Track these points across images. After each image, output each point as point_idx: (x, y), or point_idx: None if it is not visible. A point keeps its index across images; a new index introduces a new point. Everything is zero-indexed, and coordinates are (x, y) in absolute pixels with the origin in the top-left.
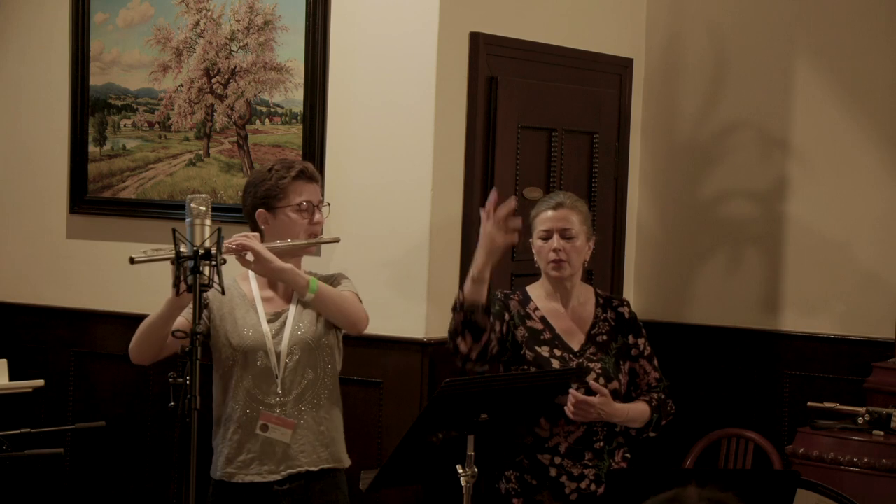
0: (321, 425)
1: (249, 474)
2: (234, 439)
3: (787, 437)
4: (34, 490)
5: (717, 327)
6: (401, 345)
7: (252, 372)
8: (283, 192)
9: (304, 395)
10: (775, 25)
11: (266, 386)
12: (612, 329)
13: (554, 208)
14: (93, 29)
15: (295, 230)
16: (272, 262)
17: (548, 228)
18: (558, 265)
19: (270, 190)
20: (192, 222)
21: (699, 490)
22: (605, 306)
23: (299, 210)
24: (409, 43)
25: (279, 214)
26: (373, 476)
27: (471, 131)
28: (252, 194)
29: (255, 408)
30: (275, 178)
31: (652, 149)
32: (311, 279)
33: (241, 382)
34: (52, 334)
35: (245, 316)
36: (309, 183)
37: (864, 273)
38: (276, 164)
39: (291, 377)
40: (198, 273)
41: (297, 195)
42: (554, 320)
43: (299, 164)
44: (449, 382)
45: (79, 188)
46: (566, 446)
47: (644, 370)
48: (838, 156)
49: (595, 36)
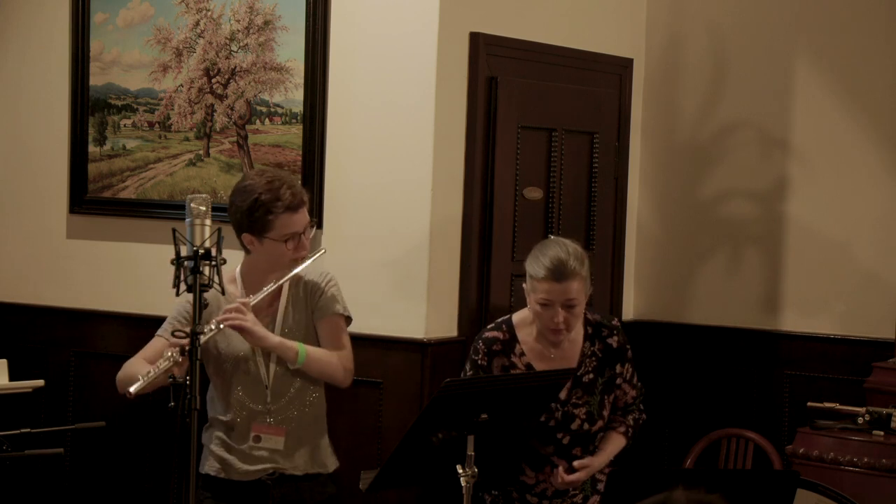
0: (307, 430)
1: (237, 473)
2: (223, 438)
3: (787, 437)
4: (34, 490)
5: (717, 327)
6: (401, 345)
7: (241, 380)
8: (271, 225)
9: (292, 401)
10: (775, 25)
11: (255, 394)
12: (598, 364)
13: (557, 279)
14: (93, 29)
15: (280, 258)
16: (265, 340)
17: (550, 300)
18: (557, 334)
19: (256, 222)
20: (192, 222)
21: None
22: (594, 337)
23: (285, 241)
24: (409, 43)
25: (265, 243)
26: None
27: (471, 131)
28: (238, 214)
29: (244, 416)
30: (262, 210)
31: (652, 149)
32: (300, 350)
33: (232, 389)
34: (52, 334)
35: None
36: (296, 213)
37: (864, 273)
38: (263, 190)
39: (280, 384)
40: (198, 273)
41: (285, 228)
42: (540, 364)
43: (287, 194)
44: (449, 382)
45: (79, 188)
46: (553, 490)
47: (623, 392)
48: (838, 156)
49: (595, 36)
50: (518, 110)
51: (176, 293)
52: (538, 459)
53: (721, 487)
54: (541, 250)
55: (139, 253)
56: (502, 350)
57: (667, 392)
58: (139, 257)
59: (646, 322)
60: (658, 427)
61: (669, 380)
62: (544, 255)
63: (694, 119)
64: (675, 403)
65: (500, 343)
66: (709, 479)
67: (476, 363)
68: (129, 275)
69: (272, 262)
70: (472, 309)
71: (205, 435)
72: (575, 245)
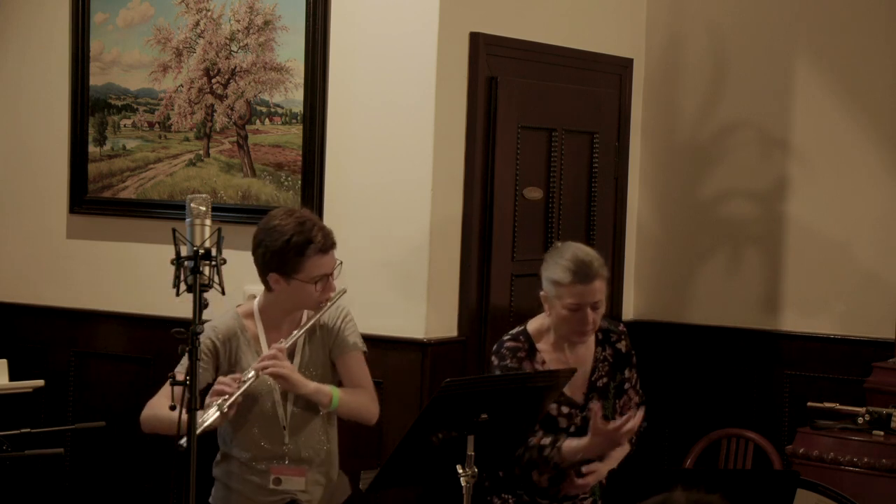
0: (321, 467)
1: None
2: (240, 478)
3: (787, 437)
4: (34, 490)
5: (717, 327)
6: (401, 345)
7: (259, 420)
8: (301, 265)
9: (308, 440)
10: (775, 25)
11: (273, 435)
12: (610, 368)
13: (584, 282)
14: (93, 29)
15: (307, 300)
16: (302, 387)
17: (580, 303)
18: (584, 335)
19: (287, 263)
20: (192, 222)
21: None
22: (604, 342)
23: (314, 283)
24: (409, 43)
25: (293, 284)
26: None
27: (471, 131)
28: (265, 256)
29: (262, 459)
30: (293, 251)
31: (652, 149)
32: (333, 394)
33: (249, 429)
34: (52, 334)
35: (252, 362)
36: (326, 255)
37: (864, 273)
38: (294, 231)
39: (297, 424)
40: (198, 273)
41: (316, 269)
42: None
43: (320, 236)
44: (449, 382)
45: (79, 188)
46: (563, 494)
47: (629, 398)
48: (838, 156)
49: (595, 36)
50: (518, 110)
51: (176, 293)
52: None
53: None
54: (560, 255)
55: (139, 253)
56: (526, 357)
57: (667, 392)
58: (139, 257)
59: (646, 322)
60: (658, 427)
61: (669, 380)
62: (564, 258)
63: (694, 119)
64: (675, 403)
65: (523, 351)
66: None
67: (508, 368)
68: (129, 275)
69: (296, 303)
70: (472, 309)
71: (217, 469)
72: (587, 247)
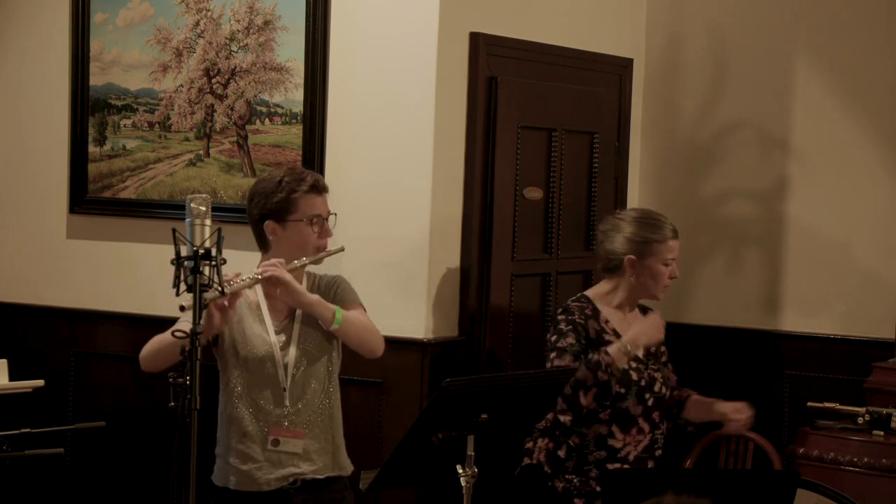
0: (326, 433)
1: (256, 483)
2: (239, 449)
3: (787, 437)
4: (34, 490)
5: (717, 327)
6: (401, 345)
7: (259, 383)
8: (295, 205)
9: (309, 404)
10: (775, 25)
11: (273, 397)
12: None
13: (674, 237)
14: (93, 29)
15: (305, 243)
16: (302, 296)
17: (674, 257)
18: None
19: (281, 203)
20: (192, 222)
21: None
22: (644, 313)
23: (310, 223)
24: (409, 43)
25: (289, 227)
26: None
27: (471, 131)
28: (261, 205)
29: (262, 419)
30: (286, 190)
31: (652, 149)
32: (337, 310)
33: (249, 393)
34: (52, 334)
35: (253, 325)
36: (320, 196)
37: (864, 273)
38: (286, 176)
39: (298, 388)
40: (198, 273)
41: (309, 209)
42: (623, 331)
43: (311, 177)
44: (449, 382)
45: (79, 188)
46: (635, 455)
47: (670, 371)
48: (838, 156)
49: (595, 36)
50: (518, 110)
51: (176, 293)
52: (628, 420)
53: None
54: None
55: (139, 253)
56: (592, 315)
57: None
58: (139, 257)
59: None
60: None
61: None
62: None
63: (694, 119)
64: None
65: (589, 309)
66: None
67: (573, 321)
68: (129, 275)
69: (296, 250)
70: (472, 309)
71: (218, 446)
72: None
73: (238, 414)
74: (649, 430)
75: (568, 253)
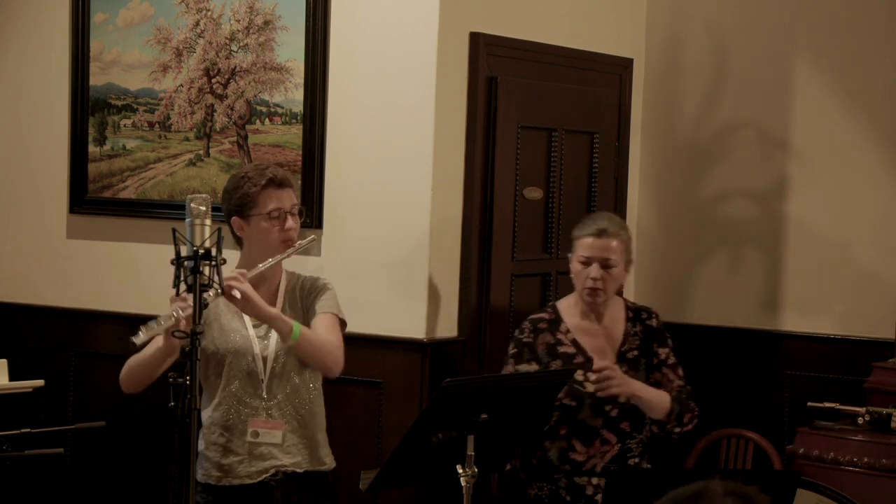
0: (305, 428)
1: (238, 477)
2: (220, 442)
3: (787, 437)
4: (34, 490)
5: (717, 327)
6: (401, 345)
7: (238, 376)
8: (254, 200)
9: (289, 398)
10: (775, 25)
11: (252, 389)
12: (641, 343)
13: (597, 235)
14: (93, 29)
15: (268, 238)
16: (261, 309)
17: (589, 256)
18: (594, 293)
19: (242, 198)
20: (192, 222)
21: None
22: (635, 320)
23: (270, 218)
24: (409, 43)
25: (252, 222)
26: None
27: (471, 131)
28: (227, 201)
29: (240, 411)
30: (246, 186)
31: (652, 149)
32: (295, 326)
33: (228, 386)
34: (52, 334)
35: (231, 320)
36: (279, 189)
37: (864, 273)
38: (250, 171)
39: (277, 381)
40: (198, 273)
41: (268, 203)
42: (585, 340)
43: (269, 172)
44: (449, 382)
45: (79, 188)
46: (602, 465)
47: (667, 378)
48: (838, 156)
49: (595, 36)
50: (518, 110)
51: (176, 293)
52: (588, 433)
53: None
54: (588, 217)
55: (139, 253)
56: (548, 328)
57: None
58: (139, 257)
59: None
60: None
61: None
62: (591, 219)
63: (694, 119)
64: None
65: (546, 322)
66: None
67: (521, 341)
68: (129, 275)
69: (261, 245)
70: (472, 309)
71: (200, 441)
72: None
73: (217, 408)
74: (617, 441)
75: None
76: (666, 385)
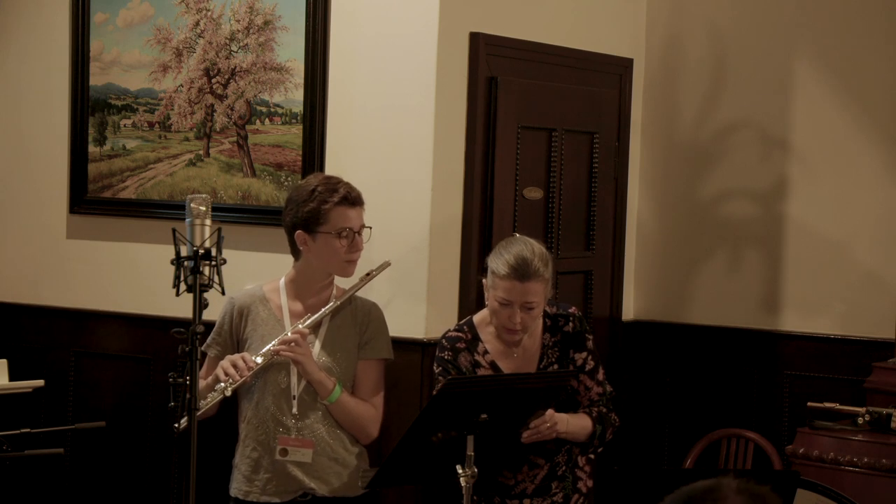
0: (337, 451)
1: (266, 494)
2: (253, 457)
3: (787, 437)
4: (34, 490)
5: (717, 327)
6: (401, 345)
7: (273, 391)
8: (325, 216)
9: (323, 418)
10: (775, 25)
11: (283, 405)
12: (560, 354)
13: (518, 279)
14: (93, 29)
15: (334, 257)
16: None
17: (510, 300)
18: (513, 334)
19: (312, 213)
20: (192, 222)
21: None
22: (553, 329)
23: (339, 237)
24: (409, 43)
25: (318, 238)
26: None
27: (471, 131)
28: (293, 213)
29: (272, 428)
30: (317, 201)
31: (652, 149)
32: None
33: (262, 401)
34: (52, 334)
35: (271, 333)
36: (352, 208)
37: (864, 273)
38: (320, 185)
39: (309, 397)
40: (198, 273)
41: (340, 221)
42: (503, 362)
43: (343, 188)
44: (449, 382)
45: (79, 188)
46: (533, 487)
47: (584, 386)
48: (838, 156)
49: (595, 36)
50: (518, 110)
51: (176, 293)
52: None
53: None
54: (505, 247)
55: (139, 253)
56: (466, 348)
57: (667, 392)
58: (139, 257)
59: (646, 322)
60: (658, 427)
61: (669, 380)
62: (509, 252)
63: (694, 119)
64: (675, 403)
65: (464, 342)
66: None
67: (444, 360)
68: (129, 275)
69: (324, 263)
70: (472, 309)
71: (235, 456)
72: (541, 246)
73: (252, 422)
74: (546, 461)
75: (568, 253)
76: (584, 393)
